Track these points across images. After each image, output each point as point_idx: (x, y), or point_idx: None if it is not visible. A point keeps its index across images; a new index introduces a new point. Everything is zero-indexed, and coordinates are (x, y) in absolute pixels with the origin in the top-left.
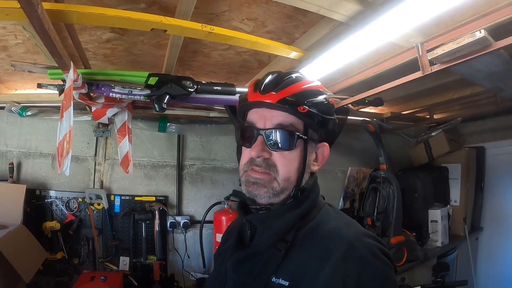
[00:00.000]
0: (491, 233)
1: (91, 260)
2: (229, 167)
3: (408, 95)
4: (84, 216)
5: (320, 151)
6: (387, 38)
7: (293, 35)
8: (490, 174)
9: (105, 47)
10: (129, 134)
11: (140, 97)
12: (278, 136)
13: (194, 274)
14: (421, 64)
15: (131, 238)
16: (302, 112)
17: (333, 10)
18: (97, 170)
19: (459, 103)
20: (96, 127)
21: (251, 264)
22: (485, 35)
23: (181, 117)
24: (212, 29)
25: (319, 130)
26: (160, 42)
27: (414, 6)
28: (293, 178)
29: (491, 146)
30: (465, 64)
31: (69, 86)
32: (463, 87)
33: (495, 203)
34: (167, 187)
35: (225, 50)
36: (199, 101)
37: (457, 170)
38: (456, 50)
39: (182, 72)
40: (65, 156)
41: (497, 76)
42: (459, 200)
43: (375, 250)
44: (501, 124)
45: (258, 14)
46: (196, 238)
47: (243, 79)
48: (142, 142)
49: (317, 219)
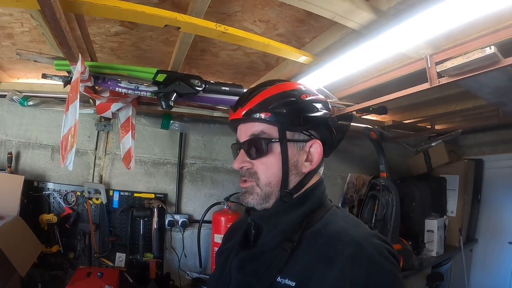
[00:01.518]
0: (486, 245)
1: (87, 255)
2: (230, 167)
3: (411, 104)
4: (81, 210)
5: (313, 149)
6: (397, 48)
7: (303, 39)
8: (487, 186)
9: (113, 41)
10: (132, 129)
11: (147, 93)
12: (251, 146)
13: (190, 273)
14: (429, 75)
15: (128, 235)
16: (268, 117)
17: (348, 17)
18: (97, 164)
19: (461, 115)
20: (98, 120)
21: (256, 264)
22: (495, 51)
23: (185, 115)
24: (226, 29)
25: (301, 128)
26: (169, 39)
27: (427, 19)
28: (274, 182)
29: (490, 159)
30: (473, 78)
31: (76, 79)
32: (466, 100)
33: (491, 216)
34: (167, 185)
35: (233, 50)
36: (206, 100)
37: (455, 181)
38: (465, 64)
39: (188, 70)
40: (69, 150)
41: (502, 91)
42: (455, 211)
43: (383, 250)
44: (501, 138)
45: (271, 16)
46: (194, 237)
47: (249, 80)
48: (144, 139)
49: (324, 220)
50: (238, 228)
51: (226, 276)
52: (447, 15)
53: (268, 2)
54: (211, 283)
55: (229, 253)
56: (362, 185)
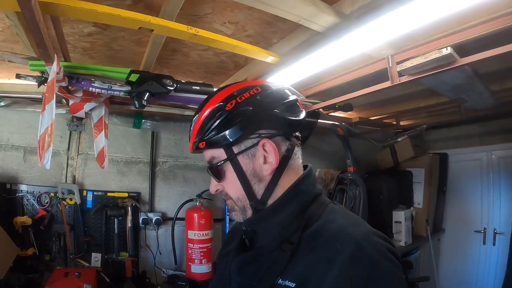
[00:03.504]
0: (452, 234)
1: (63, 257)
2: (201, 165)
3: (377, 101)
4: (55, 211)
5: (267, 148)
6: (360, 49)
7: (270, 40)
8: (452, 179)
9: (86, 41)
10: (105, 129)
11: (120, 93)
12: (211, 172)
13: (165, 270)
14: (390, 74)
15: (103, 234)
16: (205, 146)
17: (312, 20)
18: (69, 164)
19: (425, 111)
20: (70, 120)
21: (256, 266)
22: (451, 52)
23: (156, 114)
24: (197, 31)
25: (241, 137)
26: (141, 39)
27: (388, 22)
28: (241, 197)
29: (453, 152)
30: (432, 76)
31: (52, 79)
32: (429, 97)
33: (457, 206)
34: (139, 183)
35: (204, 50)
36: (177, 99)
37: (420, 174)
38: (424, 64)
39: (159, 69)
40: (46, 149)
41: (461, 89)
42: (422, 203)
43: (383, 249)
44: (464, 133)
45: (240, 18)
46: (168, 235)
47: (218, 79)
48: (116, 138)
49: (323, 219)
50: (238, 230)
51: (226, 279)
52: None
53: (237, 5)
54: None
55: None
56: (331, 180)
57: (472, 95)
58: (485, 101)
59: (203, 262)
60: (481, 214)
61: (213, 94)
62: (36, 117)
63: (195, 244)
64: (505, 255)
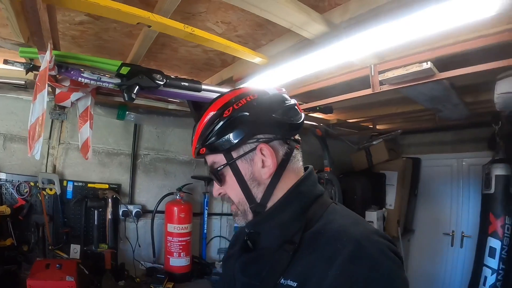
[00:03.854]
0: (422, 235)
1: (41, 248)
2: (182, 159)
3: (356, 105)
4: (35, 202)
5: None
6: (346, 57)
7: (259, 41)
8: (424, 183)
9: (76, 29)
10: (90, 119)
11: (109, 85)
12: (212, 177)
13: (144, 263)
14: (372, 82)
15: (83, 226)
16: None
17: (303, 28)
18: (50, 154)
19: (401, 117)
20: (53, 109)
21: (258, 266)
22: (431, 66)
23: (140, 107)
24: (193, 30)
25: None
26: (132, 32)
27: (375, 34)
28: (242, 201)
29: (426, 158)
30: (411, 87)
31: (45, 68)
32: (406, 104)
33: (427, 209)
34: (120, 175)
35: (193, 47)
36: (166, 94)
37: (394, 177)
38: (404, 75)
39: (147, 62)
40: (36, 139)
41: (437, 100)
42: (394, 204)
43: (384, 248)
44: (437, 139)
45: (232, 19)
46: (148, 227)
47: (204, 75)
48: (98, 129)
49: (324, 219)
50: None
51: (231, 280)
52: (392, 32)
53: (232, 6)
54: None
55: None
56: None
57: (448, 105)
58: (459, 112)
59: (181, 255)
60: (450, 217)
61: (212, 101)
62: (18, 104)
63: (174, 237)
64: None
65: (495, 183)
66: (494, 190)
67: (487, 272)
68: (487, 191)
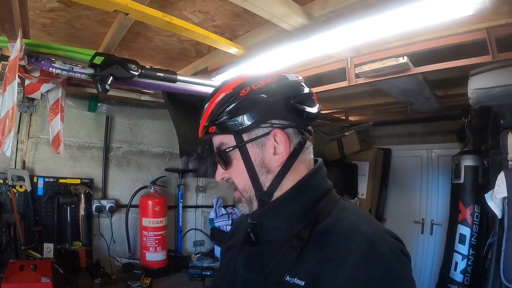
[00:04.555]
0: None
1: (13, 248)
2: (155, 151)
3: (329, 97)
4: (4, 200)
5: (277, 139)
6: (324, 50)
7: (237, 32)
8: (394, 172)
9: (47, 16)
10: (61, 112)
11: (81, 75)
12: (218, 159)
13: (119, 259)
14: (348, 75)
15: (55, 223)
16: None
17: (283, 19)
18: (19, 148)
19: (372, 109)
20: (21, 101)
21: (263, 261)
22: (407, 61)
23: (112, 98)
24: (171, 19)
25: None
26: (106, 20)
27: (352, 28)
28: (247, 187)
29: (397, 148)
30: (386, 80)
31: (15, 57)
32: (378, 96)
33: (397, 198)
34: (92, 169)
35: (168, 36)
36: (141, 85)
37: (365, 167)
38: (380, 69)
39: (119, 51)
40: (7, 134)
41: (410, 93)
42: (366, 194)
43: (396, 249)
44: (407, 131)
45: (210, 8)
46: (122, 222)
47: (178, 65)
48: (69, 121)
49: (334, 215)
50: (242, 223)
51: (231, 274)
52: (369, 26)
53: None
54: (216, 281)
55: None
56: None
57: (420, 99)
58: (430, 105)
59: (158, 249)
60: (420, 206)
61: (227, 80)
62: None
63: (150, 231)
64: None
65: (464, 174)
66: (464, 180)
67: (457, 258)
68: (457, 181)
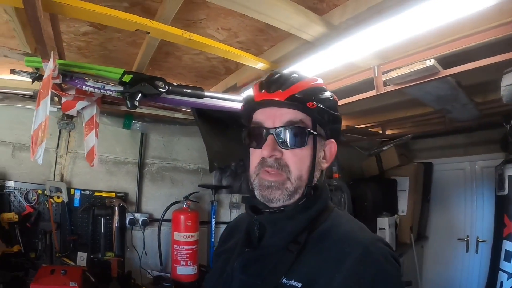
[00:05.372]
0: (436, 241)
1: (48, 255)
2: (189, 167)
3: (364, 110)
4: (42, 209)
5: (328, 148)
6: (347, 59)
7: (262, 47)
8: (436, 187)
9: (81, 40)
10: (96, 128)
11: (113, 93)
12: (289, 134)
13: (151, 271)
14: (376, 84)
15: (90, 234)
16: (311, 108)
17: (302, 30)
18: (58, 162)
19: (410, 121)
20: (60, 119)
21: (261, 265)
22: (434, 63)
23: (146, 116)
24: (191, 36)
25: (327, 126)
26: (136, 41)
27: (375, 33)
28: (305, 177)
29: (438, 162)
30: (416, 87)
31: (48, 76)
32: (415, 107)
33: (440, 215)
34: (127, 184)
35: (196, 55)
36: (168, 101)
37: (405, 182)
38: (408, 74)
39: (152, 71)
40: (39, 144)
41: (445, 99)
42: (406, 210)
43: (388, 255)
44: (448, 143)
45: (233, 25)
46: (154, 236)
47: (209, 83)
48: (106, 138)
49: (330, 222)
50: (237, 228)
51: (228, 277)
52: (393, 30)
53: (231, 12)
54: (210, 284)
55: (230, 254)
56: None
57: (456, 105)
58: (469, 112)
59: (188, 264)
60: (464, 222)
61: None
62: (27, 114)
63: (181, 245)
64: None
65: (508, 184)
66: (508, 191)
67: (503, 277)
68: (501, 193)
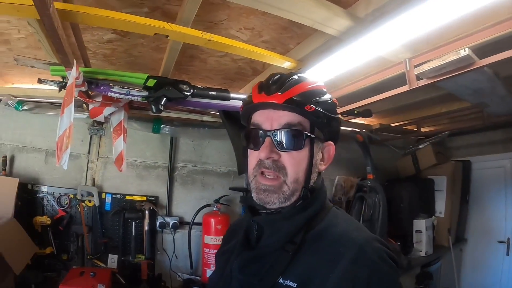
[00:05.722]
0: (476, 244)
1: (80, 257)
2: (220, 171)
3: (397, 107)
4: (74, 213)
5: (326, 150)
6: (376, 52)
7: (287, 45)
8: (475, 187)
9: (106, 47)
10: (124, 133)
11: (138, 98)
12: (286, 137)
13: (181, 275)
14: (408, 78)
15: (120, 237)
16: (309, 111)
17: (326, 24)
18: (89, 167)
19: (446, 117)
20: (91, 125)
21: (258, 265)
22: (469, 53)
23: (175, 120)
24: (212, 37)
25: (325, 129)
26: (160, 46)
27: (403, 24)
28: (301, 179)
29: (477, 160)
30: (451, 79)
31: (71, 83)
32: (451, 102)
33: (480, 216)
34: (158, 187)
35: (221, 57)
36: (194, 104)
37: (443, 182)
38: (441, 66)
39: (178, 75)
40: (64, 150)
41: (482, 92)
42: (444, 212)
43: (384, 255)
44: (487, 139)
45: (255, 24)
46: (185, 239)
47: (237, 85)
48: (136, 142)
49: (326, 222)
50: (238, 229)
51: (227, 277)
52: (421, 19)
53: (252, 11)
54: (212, 284)
55: (231, 254)
56: (350, 187)
57: (494, 99)
58: (508, 105)
59: None
60: (505, 223)
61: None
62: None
63: (211, 249)
64: None
65: None
66: None
67: None
68: None
